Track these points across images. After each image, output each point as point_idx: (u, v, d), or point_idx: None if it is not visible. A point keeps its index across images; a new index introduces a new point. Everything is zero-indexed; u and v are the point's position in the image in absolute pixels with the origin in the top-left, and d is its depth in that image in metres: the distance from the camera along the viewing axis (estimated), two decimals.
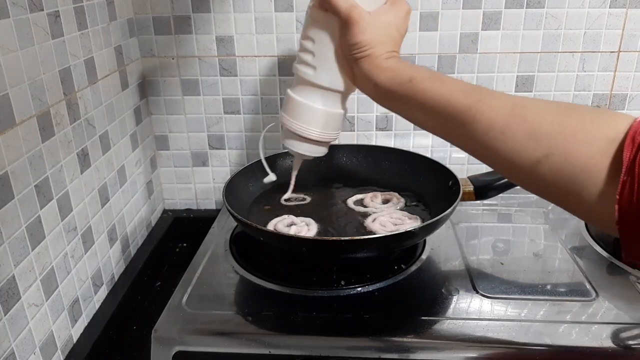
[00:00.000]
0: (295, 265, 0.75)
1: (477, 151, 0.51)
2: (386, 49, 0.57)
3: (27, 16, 0.58)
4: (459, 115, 0.50)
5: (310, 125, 0.65)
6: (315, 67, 0.62)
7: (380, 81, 0.56)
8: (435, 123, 0.54)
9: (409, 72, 0.55)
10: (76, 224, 0.69)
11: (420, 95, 0.53)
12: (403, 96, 0.54)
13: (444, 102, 0.51)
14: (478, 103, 0.49)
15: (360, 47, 0.57)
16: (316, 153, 0.69)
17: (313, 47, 0.62)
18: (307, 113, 0.65)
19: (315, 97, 0.64)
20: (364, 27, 0.56)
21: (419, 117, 0.55)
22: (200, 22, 0.90)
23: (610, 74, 0.91)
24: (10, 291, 0.55)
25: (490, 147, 0.48)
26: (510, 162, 0.48)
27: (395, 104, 0.57)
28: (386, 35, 0.58)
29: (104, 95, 0.78)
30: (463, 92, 0.51)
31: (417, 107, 0.54)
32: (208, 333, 0.61)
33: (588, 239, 0.79)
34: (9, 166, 0.55)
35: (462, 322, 0.61)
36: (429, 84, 0.53)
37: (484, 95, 0.50)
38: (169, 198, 1.04)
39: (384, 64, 0.56)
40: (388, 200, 0.81)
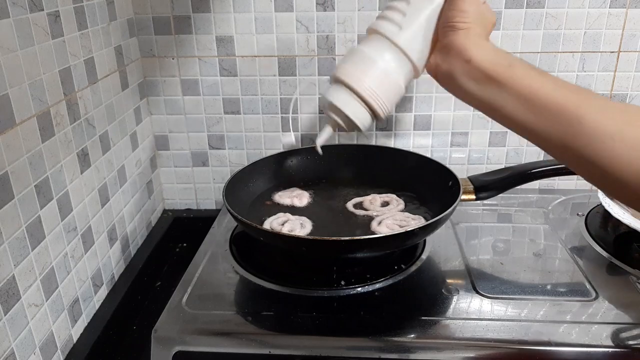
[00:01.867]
0: (295, 265, 0.75)
1: (576, 157, 0.47)
2: (484, 31, 0.55)
3: (27, 16, 0.58)
4: (564, 112, 0.46)
5: (370, 80, 0.58)
6: (402, 26, 0.57)
7: (476, 56, 0.52)
8: (530, 118, 0.49)
9: (508, 57, 0.51)
10: (76, 224, 0.69)
11: (519, 83, 0.49)
12: (498, 80, 0.50)
13: (547, 96, 0.47)
14: (585, 101, 0.46)
15: (466, 16, 0.54)
16: (358, 119, 0.60)
17: (406, 7, 0.57)
18: (372, 67, 0.58)
19: (385, 55, 0.58)
20: (476, 1, 0.55)
21: (510, 109, 0.50)
22: (200, 22, 0.90)
23: (610, 74, 0.91)
24: (10, 291, 0.55)
25: (595, 153, 0.45)
26: (616, 173, 0.44)
27: (485, 89, 0.51)
28: (485, 22, 0.56)
29: (104, 95, 0.78)
30: (568, 89, 0.48)
31: (513, 95, 0.49)
32: (208, 333, 0.61)
33: (588, 239, 0.79)
34: (9, 166, 0.55)
35: (462, 322, 0.61)
36: (530, 74, 0.49)
37: (590, 95, 0.47)
38: (169, 198, 1.04)
39: (483, 42, 0.53)
40: (387, 202, 0.81)
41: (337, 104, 0.59)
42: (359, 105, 0.59)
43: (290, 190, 0.85)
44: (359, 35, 0.89)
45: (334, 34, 0.89)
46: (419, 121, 0.96)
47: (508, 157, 0.98)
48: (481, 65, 0.51)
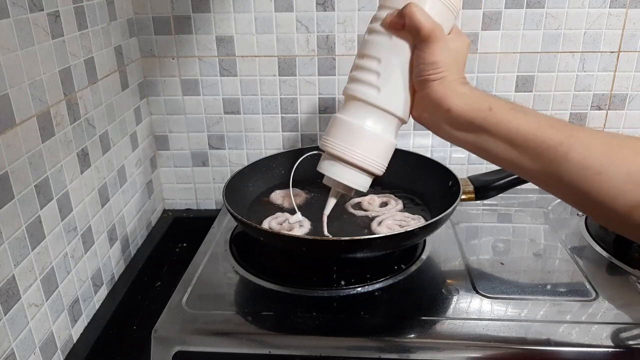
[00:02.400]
0: (295, 265, 0.75)
1: (564, 191, 0.48)
2: (459, 74, 0.54)
3: (27, 16, 0.58)
4: (548, 150, 0.47)
5: (365, 150, 0.58)
6: (380, 87, 0.57)
7: (455, 106, 0.52)
8: (515, 158, 0.49)
9: (487, 100, 0.51)
10: (76, 224, 0.69)
11: (501, 125, 0.49)
12: (480, 125, 0.50)
13: (530, 136, 0.48)
14: (570, 139, 0.46)
15: (436, 67, 0.53)
16: (358, 185, 0.61)
17: (378, 66, 0.56)
18: (359, 135, 0.58)
19: (370, 120, 0.58)
20: (442, 47, 0.53)
21: (495, 151, 0.51)
22: (200, 22, 0.90)
23: (611, 74, 0.91)
24: (10, 291, 0.55)
25: (583, 188, 0.45)
26: (604, 206, 0.45)
27: (469, 134, 0.52)
28: (459, 60, 0.55)
29: (104, 95, 0.78)
30: (551, 125, 0.48)
31: (497, 138, 0.50)
32: (208, 333, 0.61)
33: (588, 239, 0.79)
34: (9, 166, 0.55)
35: (462, 322, 0.61)
36: (511, 114, 0.49)
37: (575, 131, 0.47)
38: (169, 198, 1.04)
39: (460, 88, 0.53)
40: (386, 203, 0.81)
41: (336, 178, 0.60)
42: (356, 172, 0.60)
43: (286, 190, 0.85)
44: (359, 35, 0.89)
45: (334, 34, 0.89)
46: None
47: None
48: (461, 113, 0.52)
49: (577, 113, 0.94)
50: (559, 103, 0.93)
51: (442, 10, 0.55)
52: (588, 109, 0.94)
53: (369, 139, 0.58)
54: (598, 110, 0.94)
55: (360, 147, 0.58)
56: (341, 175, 0.60)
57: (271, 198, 0.84)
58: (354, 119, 0.58)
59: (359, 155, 0.58)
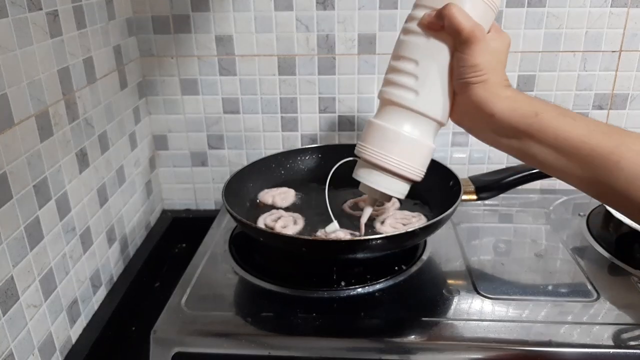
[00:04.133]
0: (295, 265, 0.75)
1: (616, 199, 0.47)
2: (501, 76, 0.52)
3: (26, 15, 0.58)
4: (598, 159, 0.45)
5: (398, 155, 0.56)
6: (418, 91, 0.54)
7: (499, 111, 0.50)
8: (564, 165, 0.48)
9: (533, 104, 0.50)
10: (75, 224, 0.69)
11: (549, 132, 0.48)
12: (526, 131, 0.49)
13: (580, 143, 0.46)
14: (621, 147, 0.45)
15: (478, 69, 0.51)
16: (395, 192, 0.59)
17: (415, 69, 0.54)
18: (396, 141, 0.56)
19: (407, 125, 0.56)
20: (484, 49, 0.51)
21: (543, 157, 0.49)
22: (200, 21, 0.89)
23: (612, 74, 0.91)
24: (9, 292, 0.55)
25: (634, 197, 0.44)
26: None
27: (514, 140, 0.50)
28: (501, 61, 0.53)
29: (103, 95, 0.77)
30: (601, 132, 0.47)
31: (544, 145, 0.48)
32: (207, 334, 0.61)
33: (589, 239, 0.79)
34: (7, 166, 0.55)
35: (463, 323, 0.61)
36: (559, 120, 0.48)
37: (625, 138, 0.46)
38: (168, 198, 1.04)
39: (503, 92, 0.51)
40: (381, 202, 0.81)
41: (372, 186, 0.59)
42: (393, 179, 0.58)
43: (276, 189, 0.84)
44: (359, 35, 0.89)
45: (334, 33, 0.89)
46: None
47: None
48: (506, 119, 0.50)
49: (578, 113, 0.93)
50: (560, 103, 0.93)
51: (483, 9, 0.53)
52: (589, 109, 0.94)
53: (406, 144, 0.56)
54: (599, 109, 0.93)
55: (397, 154, 0.56)
56: (378, 182, 0.59)
57: (260, 197, 0.83)
58: (390, 124, 0.56)
59: (395, 162, 0.57)
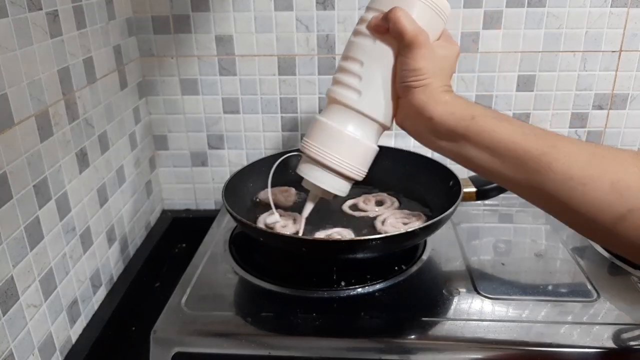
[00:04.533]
0: (295, 265, 0.75)
1: (546, 201, 0.48)
2: (443, 81, 0.53)
3: (26, 15, 0.58)
4: (531, 160, 0.46)
5: (344, 155, 0.58)
6: (361, 91, 0.56)
7: (437, 115, 0.51)
8: (498, 167, 0.49)
9: (470, 109, 0.51)
10: (75, 224, 0.69)
11: (484, 134, 0.49)
12: (462, 134, 0.50)
13: (513, 145, 0.47)
14: (552, 149, 0.46)
15: (419, 74, 0.52)
16: (336, 190, 0.61)
17: (360, 70, 0.56)
18: (338, 140, 0.58)
19: (353, 125, 0.57)
20: (426, 54, 0.52)
21: (478, 160, 0.50)
22: (200, 21, 0.89)
23: (612, 74, 0.91)
24: (8, 292, 0.55)
25: (566, 198, 0.45)
26: (588, 217, 0.44)
27: (451, 143, 0.52)
28: (444, 67, 0.54)
29: (103, 95, 0.77)
30: (535, 135, 0.47)
31: (479, 147, 0.50)
32: (207, 334, 0.61)
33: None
34: (7, 166, 0.54)
35: (463, 323, 0.61)
36: (494, 123, 0.49)
37: (557, 141, 0.46)
38: (168, 198, 1.04)
39: (442, 96, 0.52)
40: (381, 201, 0.81)
41: (313, 181, 0.60)
42: (334, 177, 0.60)
43: (276, 188, 0.84)
44: None
45: (334, 33, 0.89)
46: None
47: None
48: (444, 122, 0.51)
49: (578, 113, 0.94)
50: (560, 103, 0.93)
51: (430, 16, 0.54)
52: (589, 109, 0.94)
53: (348, 144, 0.58)
54: (599, 110, 0.94)
55: (339, 152, 0.58)
56: (320, 179, 0.60)
57: (261, 196, 0.83)
58: (334, 123, 0.58)
59: (337, 160, 0.58)
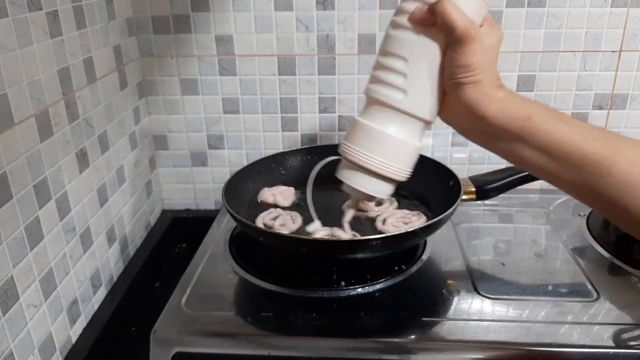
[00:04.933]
0: (295, 265, 0.75)
1: (604, 205, 0.46)
2: (494, 75, 0.50)
3: (26, 15, 0.58)
4: (590, 164, 0.45)
5: (382, 156, 0.54)
6: (406, 91, 0.52)
7: (490, 114, 0.48)
8: (555, 169, 0.47)
9: (526, 107, 0.48)
10: (75, 224, 0.69)
11: (540, 136, 0.47)
12: (516, 135, 0.48)
13: (572, 148, 0.45)
14: (615, 153, 0.44)
15: (470, 69, 0.49)
16: (379, 193, 0.57)
17: (404, 67, 0.51)
18: (382, 142, 0.54)
19: (394, 125, 0.54)
20: (477, 48, 0.48)
21: (533, 160, 0.48)
22: (200, 21, 0.89)
23: (612, 74, 0.91)
24: (8, 292, 0.55)
25: (625, 203, 0.44)
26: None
27: (504, 143, 0.49)
28: (492, 59, 0.51)
29: (103, 95, 0.77)
30: (594, 137, 0.46)
31: (535, 149, 0.47)
32: (207, 334, 0.61)
33: (589, 239, 0.79)
34: (7, 166, 0.54)
35: (463, 323, 0.61)
36: (552, 124, 0.47)
37: (619, 144, 0.45)
38: (168, 198, 1.04)
39: (495, 93, 0.49)
40: (379, 201, 0.81)
41: (355, 187, 0.57)
42: (376, 180, 0.56)
43: (276, 187, 0.84)
44: (359, 35, 0.89)
45: (334, 33, 0.89)
46: None
47: None
48: (498, 122, 0.48)
49: (578, 113, 0.94)
50: (560, 103, 0.93)
51: (476, 3, 0.50)
52: (589, 109, 0.94)
53: (391, 145, 0.54)
54: (599, 109, 0.93)
55: (381, 154, 0.54)
56: (361, 183, 0.56)
57: (261, 196, 0.83)
58: (375, 124, 0.54)
59: (379, 163, 0.54)
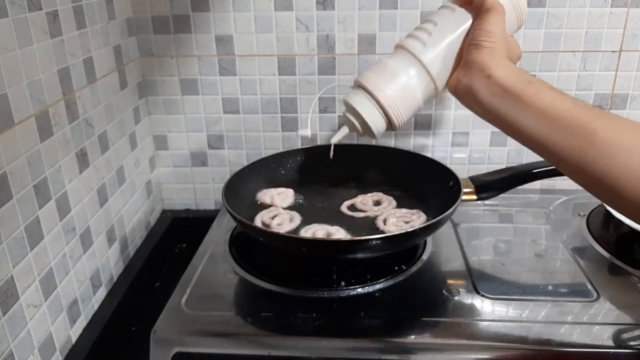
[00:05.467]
0: (295, 265, 0.75)
1: (586, 169, 0.49)
2: (505, 53, 0.58)
3: (26, 15, 0.58)
4: (578, 126, 0.49)
5: (393, 91, 0.61)
6: (425, 43, 0.61)
7: (498, 74, 0.55)
8: (545, 132, 0.52)
9: (527, 75, 0.55)
10: (75, 224, 0.69)
11: (537, 98, 0.52)
12: (516, 95, 0.53)
13: (564, 111, 0.51)
14: (601, 118, 0.49)
15: (491, 35, 0.57)
16: (374, 125, 0.64)
17: (433, 28, 0.62)
18: (395, 79, 0.62)
19: (410, 70, 0.62)
20: (501, 22, 0.58)
21: (526, 123, 0.53)
22: (200, 21, 0.89)
23: (612, 74, 0.91)
24: (9, 292, 0.55)
25: (607, 165, 0.47)
26: (626, 186, 0.46)
27: (504, 103, 0.55)
28: (506, 47, 0.58)
29: (103, 95, 0.77)
30: (584, 106, 0.51)
31: (530, 110, 0.52)
32: (207, 334, 0.61)
33: (589, 239, 0.79)
34: (7, 166, 0.54)
35: (463, 323, 0.61)
36: (548, 91, 0.53)
37: (607, 114, 0.50)
38: (168, 198, 1.04)
39: (504, 61, 0.57)
40: (378, 201, 0.81)
41: (357, 108, 0.63)
42: (377, 112, 0.63)
43: (274, 189, 0.84)
44: (359, 35, 0.89)
45: (334, 33, 0.89)
46: (419, 121, 0.95)
47: (509, 157, 0.97)
48: (501, 80, 0.54)
49: None
50: None
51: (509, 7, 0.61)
52: None
53: (402, 85, 0.62)
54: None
55: (391, 90, 0.62)
56: (365, 109, 0.63)
57: (259, 197, 0.83)
58: (395, 64, 0.62)
59: (387, 96, 0.61)
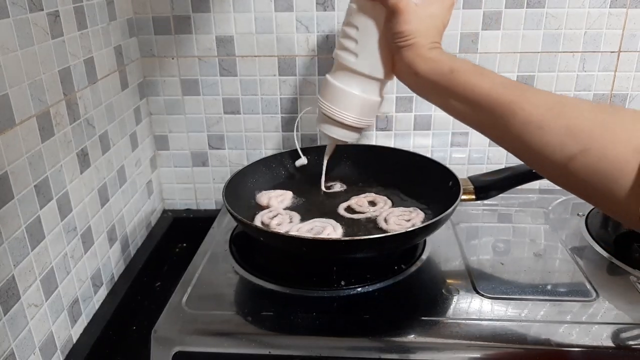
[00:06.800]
0: (295, 265, 0.75)
1: (511, 145, 0.53)
2: (430, 39, 0.59)
3: (27, 16, 0.58)
4: (498, 107, 0.51)
5: (347, 110, 0.67)
6: (357, 54, 0.64)
7: (422, 71, 0.58)
8: (473, 115, 0.55)
9: (450, 64, 0.56)
10: (76, 224, 0.69)
11: (460, 87, 0.55)
12: (443, 87, 0.56)
13: (484, 95, 0.53)
14: (519, 97, 0.51)
15: (403, 36, 0.58)
16: (349, 138, 0.71)
17: (356, 34, 0.63)
18: (345, 99, 0.67)
19: (354, 84, 0.66)
20: (409, 18, 0.58)
21: (457, 109, 0.56)
22: (200, 22, 0.90)
23: (611, 74, 0.91)
24: (9, 291, 0.55)
25: (526, 141, 0.49)
26: (545, 157, 0.49)
27: (434, 95, 0.59)
28: (431, 26, 0.59)
29: (104, 95, 0.77)
30: (503, 85, 0.53)
31: (456, 98, 0.55)
32: (208, 333, 0.61)
33: (588, 239, 0.79)
34: (8, 166, 0.55)
35: (463, 322, 0.61)
36: (469, 76, 0.55)
37: (525, 91, 0.51)
38: (169, 198, 1.04)
39: (427, 54, 0.58)
40: (373, 201, 0.81)
41: (333, 136, 0.71)
42: (343, 129, 0.70)
43: (272, 190, 0.84)
44: None
45: (334, 33, 0.89)
46: (419, 121, 0.96)
47: (508, 157, 0.98)
48: (425, 76, 0.58)
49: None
50: None
51: None
52: None
53: (352, 100, 0.67)
54: None
55: (346, 108, 0.68)
56: (331, 131, 0.71)
57: (258, 199, 0.82)
58: (338, 83, 0.67)
59: (343, 115, 0.68)
